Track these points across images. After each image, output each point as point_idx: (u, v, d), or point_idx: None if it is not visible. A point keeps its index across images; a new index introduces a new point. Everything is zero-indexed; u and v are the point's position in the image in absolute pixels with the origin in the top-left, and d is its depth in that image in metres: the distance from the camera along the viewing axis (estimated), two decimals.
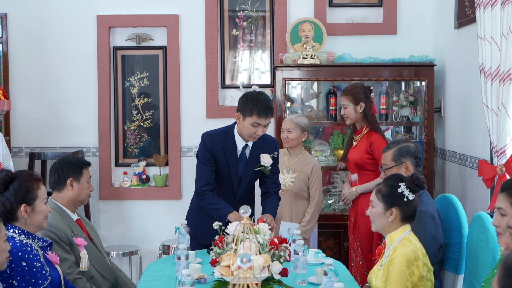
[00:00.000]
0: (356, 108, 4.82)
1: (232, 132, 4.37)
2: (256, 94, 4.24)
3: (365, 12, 6.13)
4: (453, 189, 5.32)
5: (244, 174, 4.40)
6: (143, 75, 6.17)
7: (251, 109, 4.17)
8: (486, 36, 4.07)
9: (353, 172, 4.89)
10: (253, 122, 4.19)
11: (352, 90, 4.85)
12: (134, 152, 6.21)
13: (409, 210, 3.44)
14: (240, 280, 2.50)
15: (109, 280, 4.03)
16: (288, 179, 5.00)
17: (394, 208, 3.42)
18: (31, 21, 6.06)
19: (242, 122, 4.24)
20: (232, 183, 4.40)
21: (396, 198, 3.42)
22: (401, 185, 3.42)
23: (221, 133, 4.40)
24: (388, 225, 3.46)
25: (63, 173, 3.96)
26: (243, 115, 4.23)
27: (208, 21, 6.07)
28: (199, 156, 4.38)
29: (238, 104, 4.28)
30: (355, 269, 4.78)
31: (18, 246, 3.23)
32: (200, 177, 4.36)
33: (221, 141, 4.35)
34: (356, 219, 4.78)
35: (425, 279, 3.36)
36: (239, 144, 4.36)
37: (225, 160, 4.35)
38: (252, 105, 4.17)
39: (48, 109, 6.11)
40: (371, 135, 4.80)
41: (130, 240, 6.18)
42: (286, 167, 5.05)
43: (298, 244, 3.59)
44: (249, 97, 4.22)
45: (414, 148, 4.08)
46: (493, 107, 4.04)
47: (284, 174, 4.99)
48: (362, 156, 4.74)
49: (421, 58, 5.62)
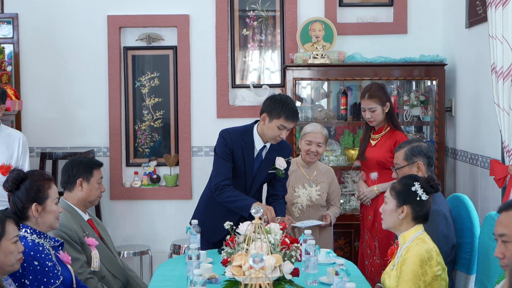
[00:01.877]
0: (384, 109, 4.76)
1: (251, 132, 4.40)
2: (284, 97, 4.28)
3: (375, 12, 6.11)
4: (464, 189, 5.30)
5: (258, 174, 4.42)
6: (154, 75, 6.18)
7: (279, 112, 4.19)
8: (497, 35, 4.05)
9: (371, 171, 4.82)
10: (279, 124, 4.21)
11: (376, 92, 4.75)
12: (144, 152, 6.22)
13: (421, 210, 3.43)
14: (252, 280, 2.49)
15: (120, 280, 4.04)
16: (314, 193, 4.85)
17: (406, 206, 3.42)
18: (42, 21, 6.08)
19: (267, 124, 4.26)
20: (246, 182, 4.43)
21: (408, 196, 3.43)
22: (416, 184, 3.43)
23: (241, 131, 4.42)
24: (399, 223, 3.46)
25: (73, 173, 3.97)
26: (269, 117, 4.24)
27: (219, 21, 6.07)
28: (218, 152, 4.40)
29: (265, 106, 4.29)
30: (373, 268, 4.74)
31: (30, 245, 3.24)
32: (219, 172, 4.37)
33: (240, 140, 4.38)
34: (375, 218, 4.73)
35: (440, 278, 3.35)
36: (258, 144, 4.39)
37: (242, 159, 4.37)
38: (281, 108, 4.20)
39: (59, 109, 6.13)
40: (395, 134, 4.75)
41: (141, 240, 6.19)
42: (308, 181, 4.89)
43: (309, 244, 3.59)
44: (278, 99, 4.24)
45: (426, 148, 4.07)
46: (504, 106, 4.03)
47: (307, 189, 4.86)
48: (386, 155, 4.69)
49: (432, 58, 5.60)
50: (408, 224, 3.45)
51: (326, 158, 5.79)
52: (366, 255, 4.81)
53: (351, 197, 5.84)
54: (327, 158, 5.79)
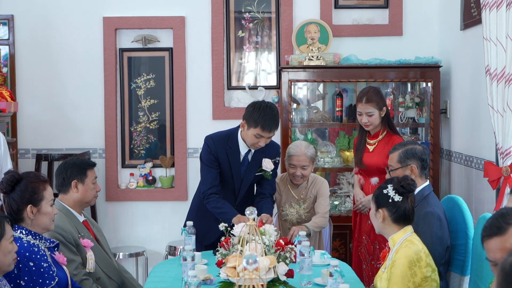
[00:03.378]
0: (380, 114, 4.72)
1: (236, 136, 4.39)
2: (264, 106, 4.23)
3: (371, 14, 6.12)
4: (459, 190, 5.31)
5: (245, 177, 4.43)
6: (149, 77, 6.19)
7: (256, 121, 4.18)
8: (491, 37, 4.07)
9: (371, 176, 4.78)
10: (256, 133, 4.21)
11: (374, 97, 4.70)
12: (140, 153, 6.23)
13: (397, 211, 3.44)
14: (246, 281, 2.50)
15: (115, 281, 4.03)
16: (302, 212, 4.72)
17: (381, 209, 3.46)
18: (38, 23, 6.08)
19: (246, 131, 4.27)
20: (234, 186, 4.45)
21: (382, 199, 3.47)
22: (388, 187, 3.46)
23: (225, 136, 4.41)
24: (381, 226, 3.49)
25: (67, 175, 3.96)
26: (247, 125, 4.24)
27: (214, 23, 6.08)
28: (204, 159, 4.42)
29: (245, 112, 4.29)
30: (370, 272, 4.70)
31: (26, 246, 3.24)
32: (205, 180, 4.40)
33: (225, 145, 4.38)
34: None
35: (430, 279, 3.36)
36: (242, 149, 4.39)
37: (228, 164, 4.38)
38: (258, 117, 4.18)
39: (55, 111, 6.13)
40: (393, 139, 4.70)
41: (136, 241, 6.19)
42: (296, 200, 4.74)
43: (304, 246, 3.60)
44: (257, 108, 4.22)
45: (420, 151, 4.07)
46: (498, 108, 4.04)
47: (295, 208, 4.73)
48: (385, 161, 4.56)
49: (427, 60, 5.61)
50: (392, 227, 3.46)
51: (322, 160, 5.80)
52: (364, 259, 4.79)
53: (346, 199, 5.85)
54: (322, 160, 5.80)
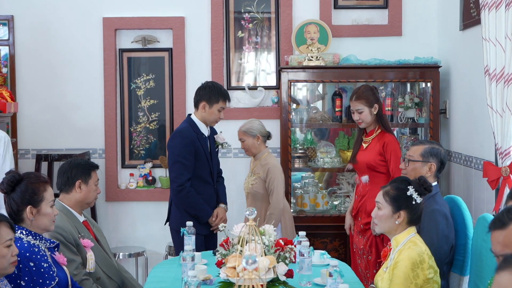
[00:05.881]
0: (371, 111, 4.71)
1: (194, 123, 4.84)
2: (212, 83, 4.88)
3: (370, 14, 6.13)
4: (458, 191, 5.32)
5: (213, 155, 4.95)
6: (149, 77, 6.19)
7: (217, 96, 4.80)
8: (490, 37, 4.08)
9: (362, 174, 4.81)
10: (220, 107, 4.82)
11: (364, 94, 4.73)
12: (140, 153, 6.23)
13: (416, 213, 3.45)
14: (246, 282, 2.51)
15: (115, 281, 4.04)
16: (250, 182, 5.09)
17: (403, 211, 3.43)
18: (38, 23, 6.09)
19: (208, 110, 4.80)
20: (210, 168, 4.87)
21: (404, 200, 3.44)
22: (410, 188, 3.44)
23: (187, 128, 4.82)
24: (394, 228, 3.47)
25: (71, 175, 3.97)
26: (209, 104, 4.79)
27: (214, 23, 6.09)
28: (178, 154, 4.73)
29: (200, 96, 4.81)
30: (366, 265, 4.69)
31: (26, 246, 3.24)
32: (180, 174, 4.72)
33: (193, 133, 4.79)
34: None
35: (432, 281, 3.37)
36: (204, 130, 4.87)
37: (201, 148, 4.80)
38: (216, 92, 4.80)
39: (55, 111, 6.14)
40: (384, 136, 4.71)
41: (136, 241, 6.20)
42: (250, 171, 5.19)
43: (303, 246, 3.61)
44: (211, 87, 4.83)
45: (443, 154, 4.11)
46: (497, 108, 4.05)
47: (248, 178, 5.17)
48: (375, 158, 4.66)
49: (426, 60, 5.62)
50: (403, 228, 3.47)
51: (321, 160, 5.81)
52: (358, 254, 4.79)
53: (346, 199, 5.85)
54: (322, 160, 5.81)
